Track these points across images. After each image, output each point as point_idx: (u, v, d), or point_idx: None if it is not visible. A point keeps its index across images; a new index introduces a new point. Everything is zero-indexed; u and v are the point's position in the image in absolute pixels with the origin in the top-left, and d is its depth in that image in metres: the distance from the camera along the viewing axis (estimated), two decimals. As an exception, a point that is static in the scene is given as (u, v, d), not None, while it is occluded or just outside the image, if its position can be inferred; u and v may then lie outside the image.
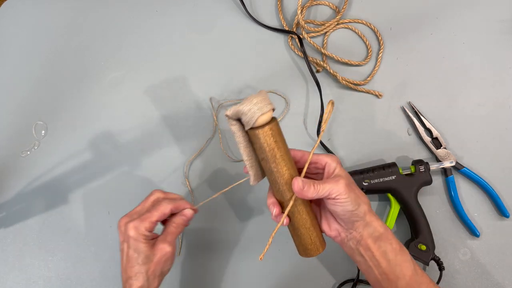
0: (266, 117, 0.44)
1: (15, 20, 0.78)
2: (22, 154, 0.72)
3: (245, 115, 0.44)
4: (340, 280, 0.65)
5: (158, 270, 0.52)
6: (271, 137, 0.45)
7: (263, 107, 0.44)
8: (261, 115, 0.44)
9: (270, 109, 0.44)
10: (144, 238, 0.52)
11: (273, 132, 0.45)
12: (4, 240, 0.69)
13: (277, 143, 0.45)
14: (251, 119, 0.44)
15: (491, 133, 0.70)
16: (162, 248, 0.52)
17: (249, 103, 0.44)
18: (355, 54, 0.74)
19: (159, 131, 0.72)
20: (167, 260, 0.53)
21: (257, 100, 0.44)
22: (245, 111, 0.44)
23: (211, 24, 0.76)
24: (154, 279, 0.52)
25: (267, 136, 0.45)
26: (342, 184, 0.47)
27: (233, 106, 0.45)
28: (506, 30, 0.73)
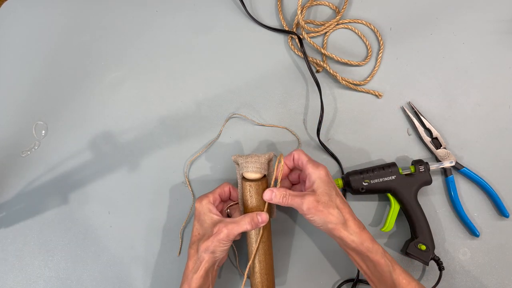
0: (250, 176, 0.58)
1: (15, 20, 0.78)
2: (22, 154, 0.72)
3: (240, 165, 0.58)
4: (340, 280, 0.65)
5: (210, 247, 0.54)
6: (247, 191, 0.57)
7: (251, 168, 0.57)
8: (246, 173, 0.58)
9: (254, 172, 0.57)
10: (207, 210, 0.57)
11: (251, 188, 0.57)
12: (4, 240, 0.69)
13: (250, 197, 0.57)
14: (241, 170, 0.59)
15: (491, 133, 0.70)
16: (219, 229, 0.54)
17: (245, 158, 0.58)
18: (355, 54, 0.74)
19: (159, 131, 0.72)
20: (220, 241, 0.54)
21: (252, 160, 0.57)
22: (239, 162, 0.58)
23: (211, 24, 0.76)
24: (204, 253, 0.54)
25: (244, 188, 0.58)
26: (308, 202, 0.53)
27: (238, 155, 0.59)
28: (506, 30, 0.73)
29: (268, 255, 0.59)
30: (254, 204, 0.57)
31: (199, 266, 0.55)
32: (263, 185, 0.58)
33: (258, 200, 0.57)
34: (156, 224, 0.68)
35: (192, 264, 0.56)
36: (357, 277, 0.64)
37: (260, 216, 0.56)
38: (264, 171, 0.58)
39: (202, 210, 0.57)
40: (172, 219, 0.68)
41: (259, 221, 0.55)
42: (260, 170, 0.58)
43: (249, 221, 0.55)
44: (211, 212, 0.57)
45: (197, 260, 0.55)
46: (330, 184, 0.55)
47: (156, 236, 0.68)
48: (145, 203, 0.69)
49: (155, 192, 0.69)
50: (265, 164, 0.58)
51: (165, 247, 0.68)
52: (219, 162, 0.70)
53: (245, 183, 0.58)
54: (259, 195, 0.57)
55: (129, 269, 0.67)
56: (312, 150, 0.70)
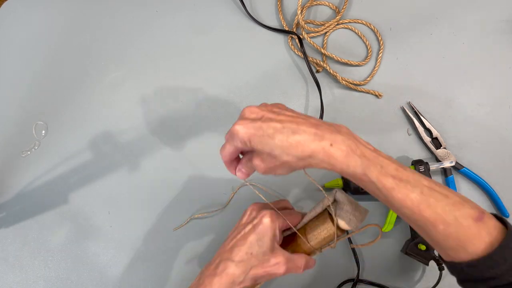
0: (345, 227, 0.49)
1: (15, 20, 0.78)
2: (22, 154, 0.72)
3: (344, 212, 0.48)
4: (340, 280, 0.65)
5: (258, 277, 0.47)
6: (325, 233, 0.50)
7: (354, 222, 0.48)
8: (343, 222, 0.48)
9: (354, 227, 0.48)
10: (273, 234, 0.47)
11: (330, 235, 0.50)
12: (4, 240, 0.69)
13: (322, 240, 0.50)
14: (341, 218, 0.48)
15: (491, 133, 0.70)
16: (278, 264, 0.47)
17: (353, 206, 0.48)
18: (355, 54, 0.74)
19: (159, 131, 0.72)
20: (270, 277, 0.47)
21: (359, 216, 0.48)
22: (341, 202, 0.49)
23: (211, 24, 0.76)
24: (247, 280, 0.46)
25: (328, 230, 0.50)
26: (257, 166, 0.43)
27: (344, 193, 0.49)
28: (506, 30, 0.73)
29: None
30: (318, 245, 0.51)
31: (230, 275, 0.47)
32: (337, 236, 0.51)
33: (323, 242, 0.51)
34: (156, 224, 0.68)
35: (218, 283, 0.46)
36: (357, 277, 0.64)
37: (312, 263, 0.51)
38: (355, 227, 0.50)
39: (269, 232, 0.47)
40: (172, 219, 0.68)
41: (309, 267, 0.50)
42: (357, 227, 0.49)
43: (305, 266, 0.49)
44: (275, 239, 0.48)
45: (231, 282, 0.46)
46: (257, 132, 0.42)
47: (156, 236, 0.68)
48: (145, 203, 0.69)
49: (155, 192, 0.69)
50: None
51: (165, 247, 0.68)
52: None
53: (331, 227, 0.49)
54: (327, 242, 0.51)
55: (129, 269, 0.67)
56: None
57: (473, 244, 0.41)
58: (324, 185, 0.67)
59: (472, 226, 0.41)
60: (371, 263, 0.66)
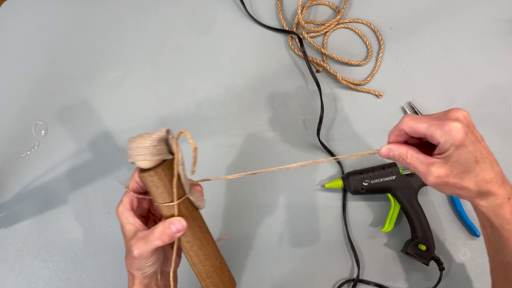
0: (143, 165, 0.43)
1: (15, 20, 0.78)
2: (22, 154, 0.72)
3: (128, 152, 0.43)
4: (340, 280, 0.65)
5: (134, 265, 0.44)
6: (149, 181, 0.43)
7: (139, 156, 0.43)
8: (137, 162, 0.43)
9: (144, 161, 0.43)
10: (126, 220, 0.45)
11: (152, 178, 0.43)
12: (4, 240, 0.69)
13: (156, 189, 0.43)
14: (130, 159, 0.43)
15: (491, 133, 0.69)
16: (132, 244, 0.43)
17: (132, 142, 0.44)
18: (355, 54, 0.74)
19: (159, 131, 0.72)
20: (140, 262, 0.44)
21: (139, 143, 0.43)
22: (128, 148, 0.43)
23: (211, 24, 0.76)
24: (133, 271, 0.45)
25: (144, 179, 0.44)
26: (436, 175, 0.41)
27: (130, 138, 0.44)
28: (506, 30, 0.73)
29: (202, 255, 0.47)
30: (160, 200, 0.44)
31: (133, 283, 0.46)
32: (161, 173, 0.43)
33: (161, 194, 0.44)
34: (156, 224, 0.68)
35: (130, 277, 0.46)
36: (357, 277, 0.64)
37: (174, 226, 0.43)
38: (155, 156, 0.43)
39: (120, 220, 0.45)
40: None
41: (173, 232, 0.42)
42: (146, 157, 0.43)
43: (159, 236, 0.42)
44: (128, 223, 0.45)
45: (130, 280, 0.46)
46: (469, 147, 0.41)
47: (156, 236, 0.68)
48: (145, 203, 0.69)
49: (155, 192, 0.69)
50: (153, 148, 0.43)
51: (165, 247, 0.68)
52: (219, 162, 0.70)
53: (142, 175, 0.43)
54: (163, 187, 0.43)
55: (129, 269, 0.67)
56: (312, 150, 0.70)
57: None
58: (324, 186, 0.67)
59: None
60: (371, 263, 0.66)
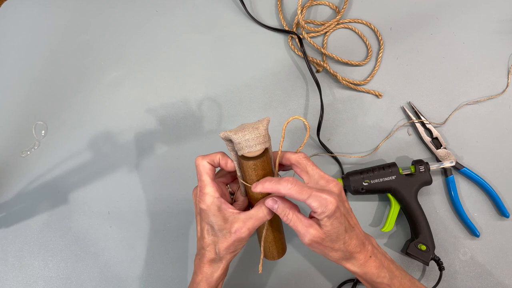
0: (254, 153, 0.47)
1: (15, 20, 0.78)
2: (22, 154, 0.72)
3: (235, 144, 0.47)
4: (340, 280, 0.65)
5: (231, 247, 0.49)
6: (253, 170, 0.48)
7: (252, 146, 0.46)
8: (249, 152, 0.46)
9: (260, 149, 0.46)
10: (216, 210, 0.48)
11: (256, 167, 0.47)
12: (4, 240, 0.69)
13: (257, 176, 0.48)
14: (239, 151, 0.47)
15: (491, 133, 0.70)
16: (239, 229, 0.48)
17: (241, 135, 0.46)
18: (355, 54, 0.74)
19: (159, 131, 0.72)
20: (241, 241, 0.49)
21: (250, 136, 0.46)
22: (235, 141, 0.46)
23: (211, 24, 0.76)
24: (226, 254, 0.50)
25: (249, 168, 0.48)
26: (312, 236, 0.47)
27: (227, 131, 0.47)
28: (506, 30, 0.73)
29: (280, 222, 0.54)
30: None
31: (219, 266, 0.51)
32: (267, 158, 0.48)
33: (265, 175, 0.49)
34: (156, 224, 0.68)
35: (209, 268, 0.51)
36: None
37: (277, 202, 0.48)
38: (267, 142, 0.47)
39: (210, 212, 0.48)
40: (172, 219, 0.68)
41: (277, 207, 0.48)
42: (265, 144, 0.47)
43: (268, 212, 0.48)
44: (221, 210, 0.48)
45: (215, 262, 0.51)
46: (340, 219, 0.46)
47: (156, 236, 0.68)
48: (145, 203, 0.69)
49: (155, 192, 0.69)
50: (266, 136, 0.47)
51: (165, 247, 0.68)
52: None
53: (247, 164, 0.47)
54: (265, 170, 0.48)
55: (129, 269, 0.67)
56: (312, 150, 0.70)
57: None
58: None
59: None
60: (371, 263, 0.66)
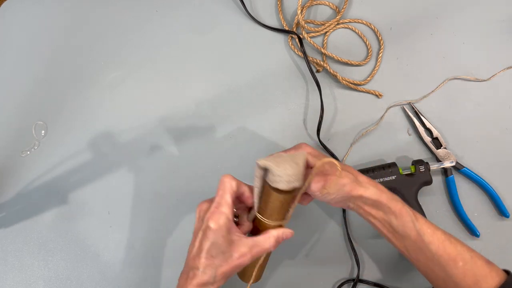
0: (287, 188, 0.46)
1: (15, 20, 0.78)
2: (22, 154, 0.72)
3: (273, 175, 0.46)
4: (340, 280, 0.65)
5: (230, 273, 0.47)
6: (277, 202, 0.48)
7: (291, 182, 0.45)
8: (282, 184, 0.46)
9: (294, 186, 0.46)
10: (226, 232, 0.46)
11: (282, 201, 0.48)
12: (4, 240, 0.69)
13: (279, 207, 0.48)
14: (274, 183, 0.46)
15: (491, 133, 0.70)
16: (243, 255, 0.46)
17: (283, 168, 0.45)
18: (355, 54, 0.74)
19: (159, 131, 0.72)
20: (242, 267, 0.48)
21: (292, 172, 0.45)
22: (274, 173, 0.45)
23: (211, 24, 0.76)
24: (222, 279, 0.47)
25: (277, 201, 0.48)
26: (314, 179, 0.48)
27: (267, 161, 0.46)
28: (506, 30, 0.73)
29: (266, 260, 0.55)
30: (279, 216, 0.49)
31: None
32: (293, 196, 0.49)
33: (284, 212, 0.49)
34: (156, 224, 0.68)
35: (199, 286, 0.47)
36: (357, 277, 0.64)
37: (285, 235, 0.49)
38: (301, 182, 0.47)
39: (219, 232, 0.46)
40: (172, 219, 0.68)
41: (283, 239, 0.49)
42: (300, 183, 0.47)
43: (275, 243, 0.48)
44: (228, 233, 0.46)
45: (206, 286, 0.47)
46: (321, 154, 0.52)
47: (156, 236, 0.68)
48: (145, 203, 0.69)
49: (155, 192, 0.69)
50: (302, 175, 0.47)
51: (165, 247, 0.67)
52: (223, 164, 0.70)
53: (277, 195, 0.47)
54: (285, 208, 0.49)
55: (129, 269, 0.67)
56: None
57: (486, 282, 0.47)
58: None
59: (484, 265, 0.48)
60: (371, 263, 0.66)
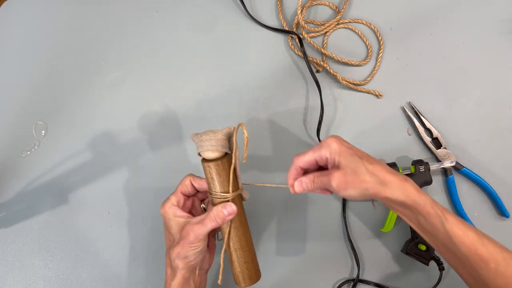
0: (207, 155, 0.51)
1: (15, 20, 0.78)
2: (22, 154, 0.72)
3: (196, 145, 0.51)
4: (340, 280, 0.65)
5: (182, 252, 0.50)
6: (207, 173, 0.51)
7: (204, 146, 0.50)
8: (203, 152, 0.51)
9: (211, 150, 0.50)
10: (172, 215, 0.52)
11: (210, 170, 0.51)
12: (4, 240, 0.69)
13: (211, 179, 0.51)
14: (197, 150, 0.51)
15: (491, 133, 0.70)
16: (186, 232, 0.50)
17: (200, 136, 0.51)
18: (355, 54, 0.74)
19: (159, 131, 0.72)
20: (190, 245, 0.50)
21: (208, 137, 0.50)
22: (195, 141, 0.52)
23: (211, 24, 0.76)
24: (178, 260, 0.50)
25: (205, 170, 0.52)
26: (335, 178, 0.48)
27: (195, 133, 0.52)
28: (506, 30, 0.73)
29: (244, 241, 0.53)
30: (218, 189, 0.51)
31: (175, 274, 0.52)
32: (224, 164, 0.51)
33: (222, 183, 0.51)
34: (156, 224, 0.68)
35: (169, 272, 0.53)
36: (357, 277, 0.64)
37: (226, 209, 0.50)
38: (223, 148, 0.51)
39: (167, 216, 0.52)
40: (172, 219, 0.68)
41: (225, 215, 0.50)
42: (218, 148, 0.50)
43: (214, 218, 0.50)
44: (176, 216, 0.52)
45: (172, 268, 0.52)
46: (349, 151, 0.49)
47: (156, 236, 0.68)
48: (145, 203, 0.69)
49: (155, 192, 0.69)
50: (223, 141, 0.51)
51: (165, 247, 0.67)
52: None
53: (203, 164, 0.51)
54: (221, 177, 0.51)
55: (129, 269, 0.67)
56: (312, 150, 0.70)
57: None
58: None
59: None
60: (371, 263, 0.66)
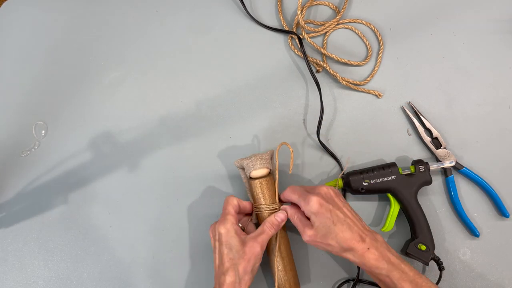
0: (259, 173, 0.61)
1: (15, 20, 0.78)
2: (22, 154, 0.72)
3: (246, 168, 0.62)
4: (340, 280, 0.65)
5: (248, 267, 0.55)
6: (258, 189, 0.61)
7: (256, 165, 0.61)
8: (253, 171, 0.61)
9: (262, 168, 0.61)
10: (234, 232, 0.56)
11: (261, 185, 0.60)
12: (4, 240, 0.69)
13: (262, 194, 0.61)
14: (247, 171, 0.62)
15: (491, 133, 0.70)
16: (252, 246, 0.55)
17: (249, 159, 0.61)
18: (355, 54, 0.74)
19: (159, 131, 0.72)
20: (256, 258, 0.56)
21: (257, 158, 0.61)
22: (244, 164, 0.62)
23: (211, 24, 0.76)
24: (245, 275, 0.55)
25: (255, 187, 0.61)
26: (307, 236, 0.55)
27: (240, 159, 0.63)
28: (506, 30, 0.73)
29: (289, 250, 0.61)
30: (268, 201, 0.60)
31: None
32: (271, 179, 0.61)
33: (270, 196, 0.61)
34: (156, 224, 0.68)
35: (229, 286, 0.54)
36: (357, 277, 0.64)
37: (278, 217, 0.58)
38: (270, 166, 0.62)
39: (229, 234, 0.56)
40: (172, 219, 0.68)
41: (279, 221, 0.58)
42: (267, 165, 0.61)
43: (270, 226, 0.58)
44: (237, 234, 0.56)
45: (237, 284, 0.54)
46: (326, 214, 0.54)
47: (156, 236, 0.68)
48: (145, 203, 0.69)
49: (155, 192, 0.69)
50: (269, 160, 0.62)
51: (165, 247, 0.68)
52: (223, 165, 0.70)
53: (254, 182, 0.60)
54: (270, 191, 0.61)
55: (129, 269, 0.67)
56: (312, 150, 0.70)
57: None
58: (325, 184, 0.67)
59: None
60: (371, 263, 0.66)
